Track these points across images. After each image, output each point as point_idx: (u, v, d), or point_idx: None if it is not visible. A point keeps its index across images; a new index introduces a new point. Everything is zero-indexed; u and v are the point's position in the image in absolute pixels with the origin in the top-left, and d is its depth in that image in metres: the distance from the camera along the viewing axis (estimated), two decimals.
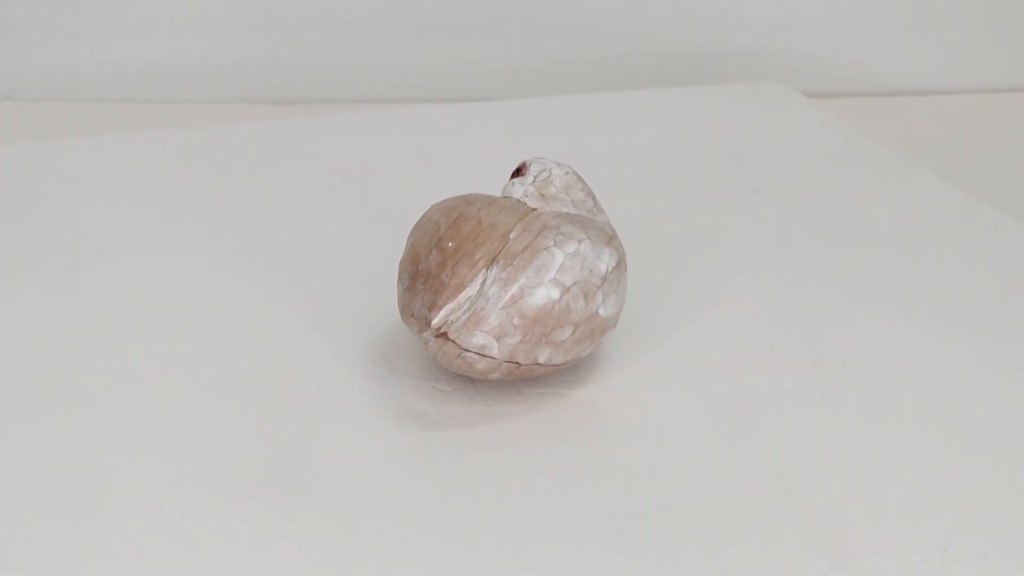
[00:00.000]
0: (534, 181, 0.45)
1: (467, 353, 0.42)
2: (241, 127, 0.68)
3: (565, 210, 0.45)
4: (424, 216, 0.45)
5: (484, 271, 0.42)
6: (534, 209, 0.44)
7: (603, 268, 0.43)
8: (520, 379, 0.44)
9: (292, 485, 0.40)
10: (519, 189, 0.45)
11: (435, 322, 0.42)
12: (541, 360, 0.43)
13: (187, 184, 0.61)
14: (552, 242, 0.43)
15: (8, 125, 0.66)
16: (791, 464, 0.41)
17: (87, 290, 0.51)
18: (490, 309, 0.41)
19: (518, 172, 0.46)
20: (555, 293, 0.42)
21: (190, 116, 0.68)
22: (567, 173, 0.46)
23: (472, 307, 0.42)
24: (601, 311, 0.43)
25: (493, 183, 0.53)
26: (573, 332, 0.43)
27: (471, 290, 0.42)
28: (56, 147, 0.64)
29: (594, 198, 0.46)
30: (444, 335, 0.42)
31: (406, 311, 0.43)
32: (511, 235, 0.43)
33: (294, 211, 0.58)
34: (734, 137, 0.68)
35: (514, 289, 0.42)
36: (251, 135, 0.67)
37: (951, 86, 0.82)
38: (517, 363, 0.42)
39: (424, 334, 0.42)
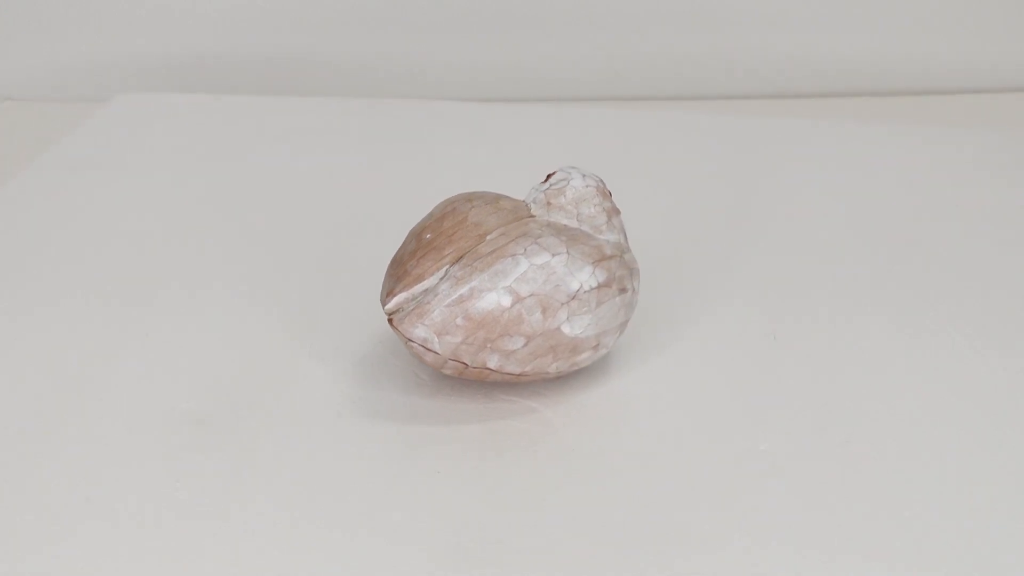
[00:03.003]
0: (548, 188, 0.44)
1: (412, 343, 0.42)
2: (247, 125, 0.68)
3: (565, 222, 0.44)
4: (432, 208, 0.45)
5: (448, 267, 0.42)
6: (532, 216, 0.44)
7: (575, 286, 0.42)
8: (478, 381, 0.44)
9: (224, 432, 0.42)
10: (532, 194, 0.45)
11: (387, 307, 0.42)
12: (491, 366, 0.42)
13: (197, 177, 0.62)
14: (522, 250, 0.42)
15: (8, 125, 0.68)
16: (715, 535, 0.38)
17: (91, 281, 0.53)
18: (436, 304, 0.41)
19: (547, 178, 0.45)
20: (506, 300, 0.41)
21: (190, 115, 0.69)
22: (587, 186, 0.44)
23: (422, 300, 0.42)
24: (566, 329, 0.42)
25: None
26: (526, 344, 0.42)
27: (429, 283, 0.42)
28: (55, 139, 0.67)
29: (610, 216, 0.44)
30: (390, 321, 0.42)
31: (381, 293, 0.44)
32: (488, 237, 0.42)
33: (298, 207, 0.59)
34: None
35: (464, 289, 0.41)
36: (252, 134, 0.67)
37: None
38: (464, 363, 0.42)
39: None
